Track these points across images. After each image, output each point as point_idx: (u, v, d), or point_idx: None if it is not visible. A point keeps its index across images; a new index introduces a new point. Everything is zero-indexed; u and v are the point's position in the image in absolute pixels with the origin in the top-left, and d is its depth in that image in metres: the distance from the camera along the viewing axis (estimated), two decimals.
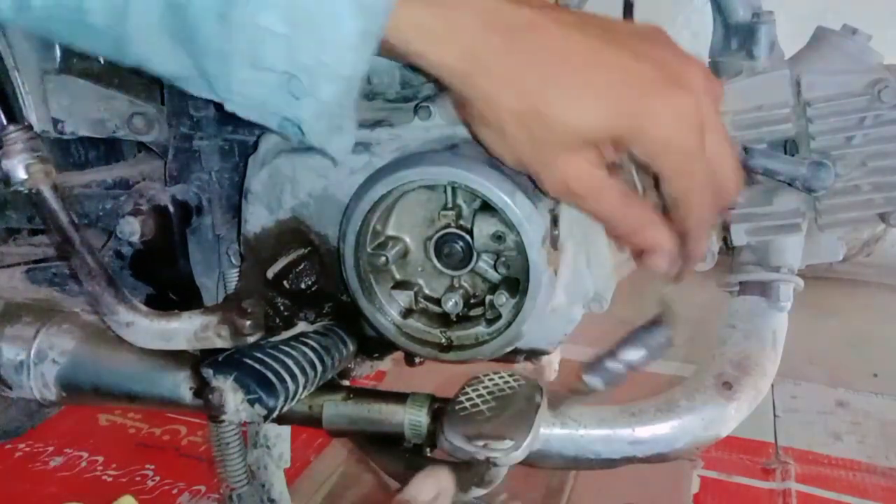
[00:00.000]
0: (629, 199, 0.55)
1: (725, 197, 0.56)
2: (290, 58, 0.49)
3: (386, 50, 0.50)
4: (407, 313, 0.64)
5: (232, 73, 0.50)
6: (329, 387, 0.70)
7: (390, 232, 0.63)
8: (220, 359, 0.64)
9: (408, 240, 0.64)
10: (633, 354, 0.60)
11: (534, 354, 0.67)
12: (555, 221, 0.59)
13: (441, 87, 0.55)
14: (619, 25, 0.54)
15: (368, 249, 0.62)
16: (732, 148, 0.55)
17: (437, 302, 0.64)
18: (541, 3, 0.51)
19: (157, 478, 1.38)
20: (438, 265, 0.62)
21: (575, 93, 0.49)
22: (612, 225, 0.56)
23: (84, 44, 0.54)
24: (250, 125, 0.73)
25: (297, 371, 0.64)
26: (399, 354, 0.71)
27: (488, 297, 0.62)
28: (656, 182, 0.54)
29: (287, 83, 0.50)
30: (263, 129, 0.69)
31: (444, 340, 0.64)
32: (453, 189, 0.60)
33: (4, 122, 0.79)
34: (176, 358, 0.70)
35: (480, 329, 0.63)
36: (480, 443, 0.56)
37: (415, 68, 0.53)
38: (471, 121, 0.54)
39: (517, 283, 0.60)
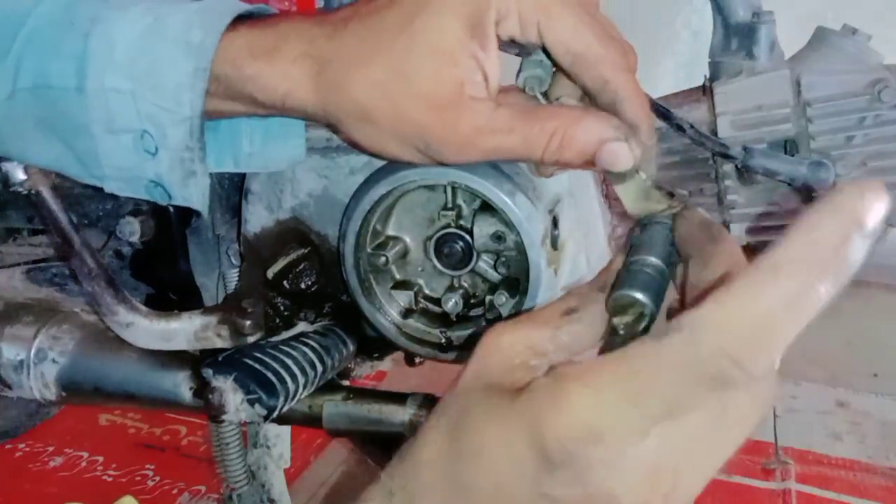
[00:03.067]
0: (534, 112, 0.47)
1: (622, 42, 0.48)
2: (137, 112, 0.52)
3: (228, 92, 0.51)
4: (407, 313, 0.64)
5: (97, 145, 0.54)
6: (329, 387, 0.70)
7: (390, 232, 0.63)
8: (220, 359, 0.64)
9: (408, 240, 0.64)
10: None
11: None
12: (555, 222, 0.59)
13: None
14: None
15: (368, 249, 0.62)
16: None
17: (437, 302, 0.64)
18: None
19: (157, 478, 1.38)
20: (438, 265, 0.62)
21: (411, 18, 0.46)
22: (532, 149, 0.47)
23: None
24: None
25: (297, 371, 0.64)
26: (399, 354, 0.71)
27: (488, 297, 0.62)
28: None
29: (140, 141, 0.53)
30: None
31: (443, 340, 0.64)
32: (453, 189, 0.60)
33: None
34: (176, 358, 0.70)
35: (480, 329, 0.63)
36: None
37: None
38: (341, 129, 0.51)
39: (517, 283, 0.60)
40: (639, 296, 0.36)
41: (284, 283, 0.67)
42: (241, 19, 0.52)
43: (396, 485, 0.36)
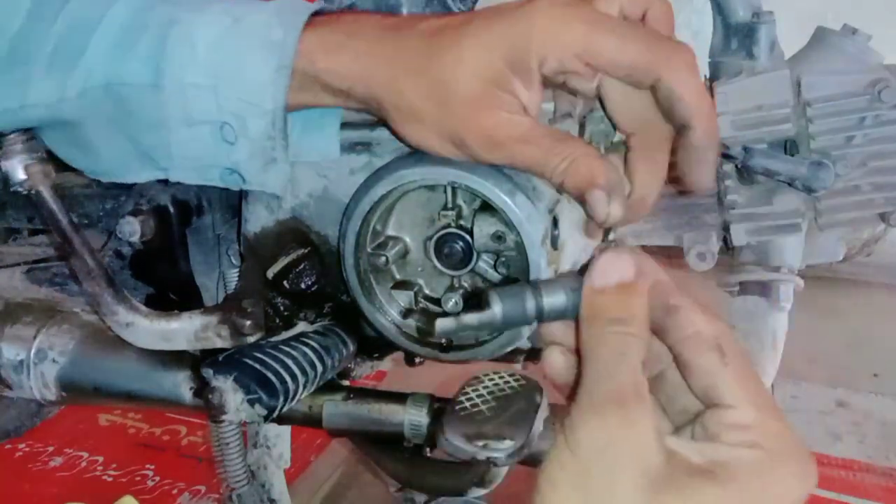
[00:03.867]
0: (558, 137, 0.52)
1: (674, 45, 0.50)
2: (218, 106, 0.55)
3: (303, 83, 0.55)
4: (407, 313, 0.64)
5: (171, 137, 0.57)
6: (329, 387, 0.70)
7: (390, 232, 0.63)
8: (220, 359, 0.64)
9: (408, 240, 0.64)
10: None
11: (534, 354, 0.67)
12: (555, 222, 0.59)
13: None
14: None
15: (368, 249, 0.62)
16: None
17: (437, 302, 0.63)
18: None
19: (157, 478, 1.38)
20: (438, 265, 0.62)
21: (459, 42, 0.51)
22: (544, 167, 0.52)
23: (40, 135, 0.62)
24: None
25: (297, 371, 0.64)
26: (399, 354, 0.71)
27: None
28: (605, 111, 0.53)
29: (220, 131, 0.57)
30: None
31: (444, 340, 0.64)
32: (453, 189, 0.59)
33: None
34: (176, 358, 0.70)
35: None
36: (480, 443, 0.56)
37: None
38: (395, 125, 0.56)
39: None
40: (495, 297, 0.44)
41: (284, 283, 0.67)
42: (314, 15, 0.56)
43: None
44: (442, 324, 0.47)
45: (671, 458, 0.38)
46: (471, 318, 0.45)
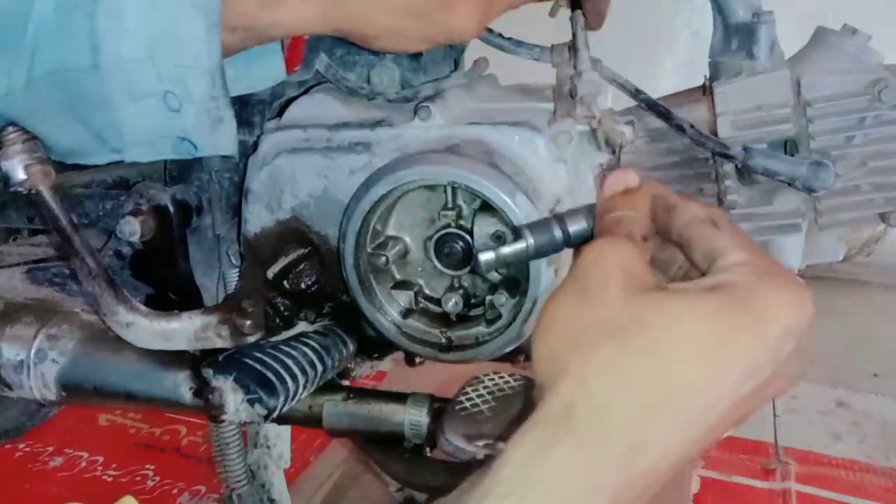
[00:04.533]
0: None
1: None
2: (158, 75, 0.56)
3: (247, 37, 0.57)
4: (407, 313, 0.64)
5: (118, 115, 0.57)
6: (329, 387, 0.70)
7: (390, 232, 0.63)
8: (220, 359, 0.64)
9: (408, 240, 0.64)
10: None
11: None
12: None
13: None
14: None
15: (368, 249, 0.62)
16: None
17: (437, 302, 0.64)
18: None
19: (157, 478, 1.37)
20: (438, 265, 0.62)
21: None
22: None
23: None
24: (250, 124, 0.73)
25: (297, 371, 0.64)
26: (399, 354, 0.71)
27: (488, 297, 0.62)
28: None
29: (164, 101, 0.57)
30: (263, 129, 0.69)
31: (444, 340, 0.64)
32: (453, 189, 0.60)
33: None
34: (176, 358, 0.70)
35: (480, 329, 0.63)
36: (480, 443, 0.56)
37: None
38: (370, 45, 0.59)
39: (517, 283, 0.60)
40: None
41: (284, 283, 0.67)
42: None
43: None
44: (484, 256, 0.52)
45: (662, 285, 0.42)
46: (507, 250, 0.51)
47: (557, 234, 0.51)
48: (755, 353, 0.39)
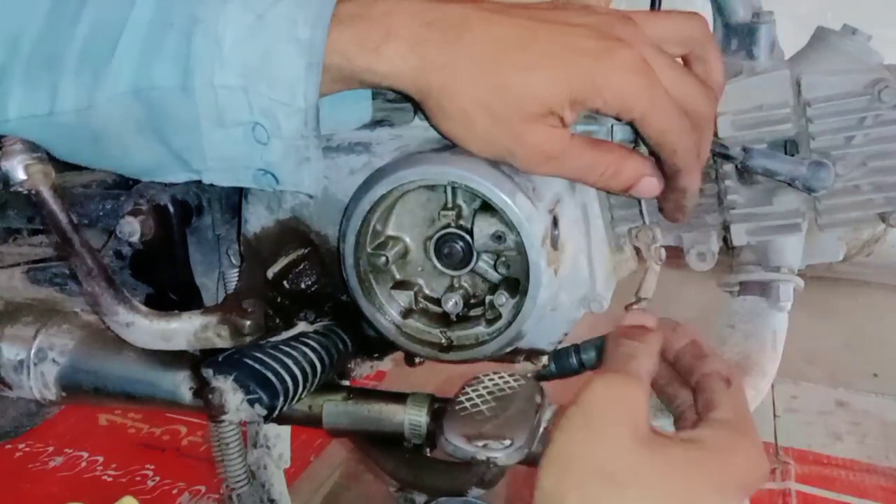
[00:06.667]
0: (598, 145, 0.57)
1: (704, 118, 0.57)
2: (249, 105, 0.54)
3: (339, 77, 0.55)
4: (407, 313, 0.64)
5: (203, 139, 0.56)
6: (329, 387, 0.70)
7: (390, 232, 0.63)
8: (220, 359, 0.64)
9: (408, 240, 0.64)
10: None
11: (534, 354, 0.67)
12: (555, 222, 0.59)
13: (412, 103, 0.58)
14: (538, 5, 0.58)
15: (368, 249, 0.62)
16: (688, 73, 0.57)
17: (437, 302, 0.63)
18: None
19: (157, 478, 1.38)
20: (438, 265, 0.62)
21: (529, 66, 0.52)
22: (590, 174, 0.57)
23: (63, 150, 0.61)
24: None
25: (297, 371, 0.64)
26: (399, 354, 0.71)
27: (488, 297, 0.62)
28: (637, 135, 0.57)
29: (252, 132, 0.55)
30: None
31: (444, 340, 0.64)
32: (453, 189, 0.59)
33: None
34: (176, 358, 0.70)
35: (480, 329, 0.63)
36: (480, 443, 0.56)
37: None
38: (436, 120, 0.56)
39: (517, 283, 0.60)
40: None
41: (284, 283, 0.67)
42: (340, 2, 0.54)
43: None
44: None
45: (658, 433, 0.49)
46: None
47: (574, 361, 0.65)
48: None
